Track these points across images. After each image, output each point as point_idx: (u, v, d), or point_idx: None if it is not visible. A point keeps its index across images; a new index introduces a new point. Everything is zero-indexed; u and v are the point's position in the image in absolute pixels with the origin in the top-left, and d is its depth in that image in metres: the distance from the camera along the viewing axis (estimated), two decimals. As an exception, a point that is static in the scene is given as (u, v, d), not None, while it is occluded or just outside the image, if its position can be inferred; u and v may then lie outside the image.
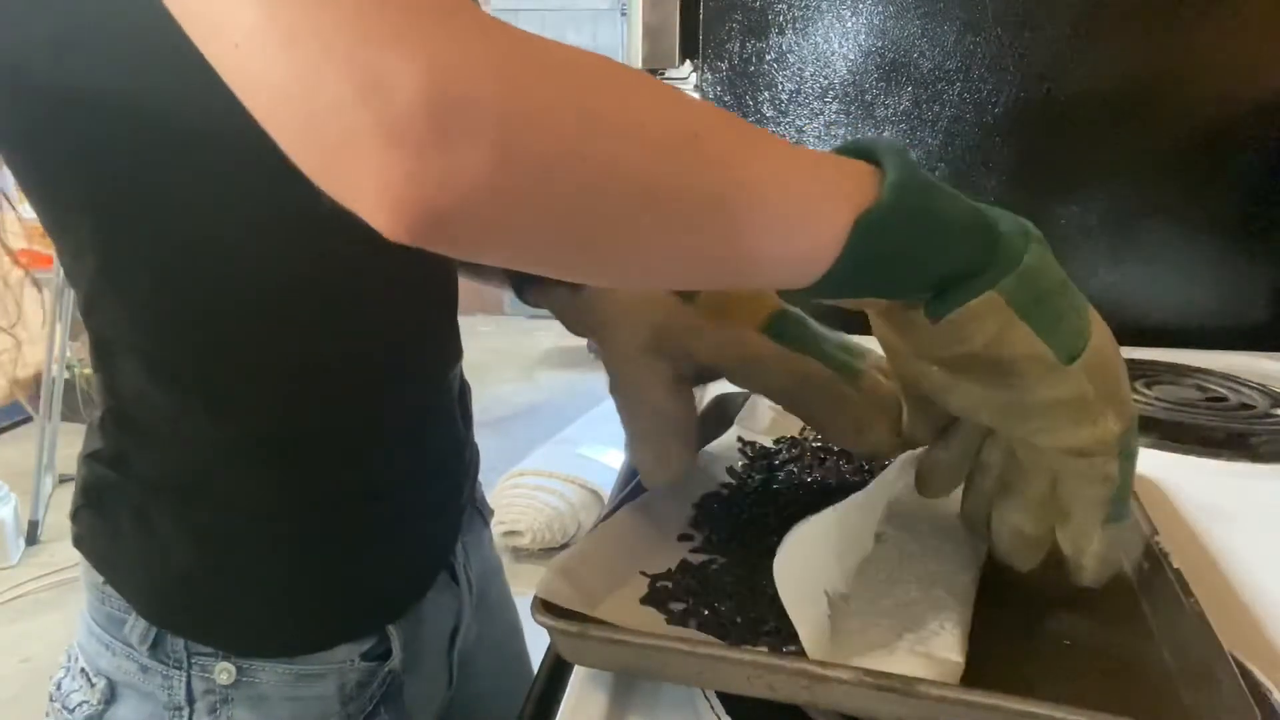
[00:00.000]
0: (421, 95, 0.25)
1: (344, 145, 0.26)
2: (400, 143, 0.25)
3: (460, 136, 0.26)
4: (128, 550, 0.49)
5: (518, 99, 0.27)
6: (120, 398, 0.48)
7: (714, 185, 0.31)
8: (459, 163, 0.26)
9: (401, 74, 0.25)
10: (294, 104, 0.26)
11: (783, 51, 1.05)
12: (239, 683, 0.50)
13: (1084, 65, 1.00)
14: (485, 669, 0.67)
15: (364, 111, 0.25)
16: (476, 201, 0.27)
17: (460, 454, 0.61)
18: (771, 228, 0.32)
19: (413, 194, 0.26)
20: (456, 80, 0.26)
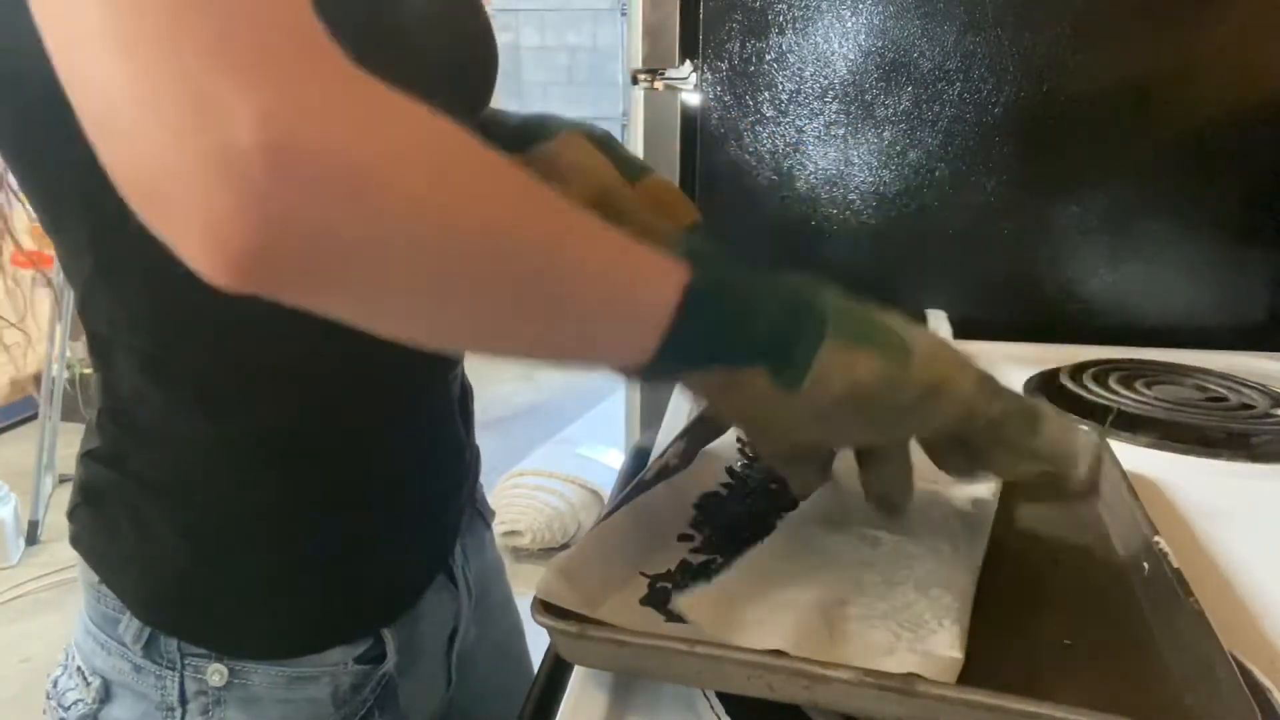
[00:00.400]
0: (262, 132, 0.24)
1: (172, 172, 0.25)
2: (233, 178, 0.24)
3: (296, 180, 0.25)
4: (123, 549, 0.49)
5: (363, 150, 0.26)
6: (117, 396, 0.48)
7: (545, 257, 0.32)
8: (290, 206, 0.25)
9: (246, 107, 0.24)
10: (127, 118, 0.25)
11: (783, 51, 1.05)
12: (231, 684, 0.49)
13: (1084, 65, 1.00)
14: (485, 670, 0.67)
15: (200, 140, 0.24)
16: (304, 248, 0.26)
17: (459, 456, 0.60)
18: (602, 299, 0.34)
19: (238, 234, 0.25)
20: (301, 122, 0.25)
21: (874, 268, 1.11)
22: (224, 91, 0.24)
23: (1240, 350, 1.01)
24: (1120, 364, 0.92)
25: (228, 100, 0.24)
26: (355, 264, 0.28)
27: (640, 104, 1.07)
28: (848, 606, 0.43)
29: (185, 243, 0.26)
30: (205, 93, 0.24)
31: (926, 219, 1.08)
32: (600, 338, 0.36)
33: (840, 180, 1.08)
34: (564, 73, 4.67)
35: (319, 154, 0.25)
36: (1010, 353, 1.02)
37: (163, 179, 0.25)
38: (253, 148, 0.24)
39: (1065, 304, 1.08)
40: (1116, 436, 0.73)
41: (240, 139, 0.24)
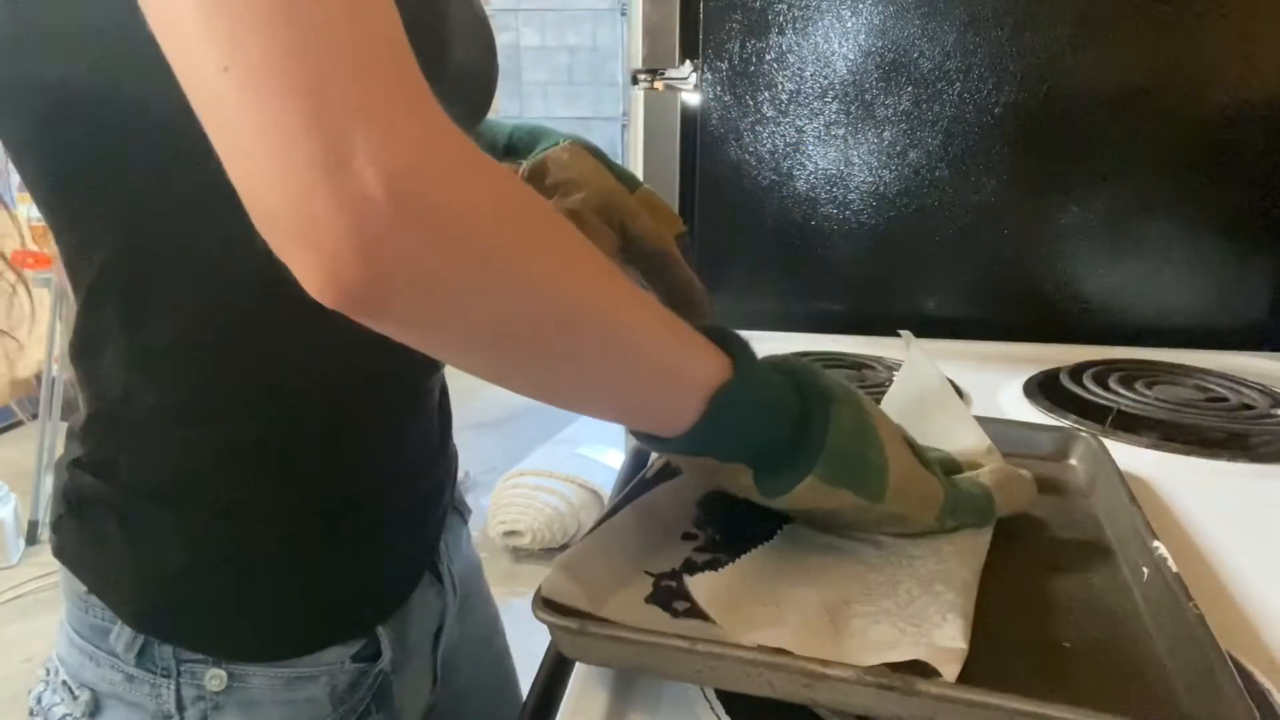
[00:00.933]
0: (388, 177, 0.27)
1: (303, 205, 0.27)
2: (359, 216, 0.27)
3: (413, 225, 0.28)
4: (112, 557, 0.49)
5: (468, 206, 0.29)
6: (106, 402, 0.48)
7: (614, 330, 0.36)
8: (406, 249, 0.28)
9: (375, 151, 0.27)
10: (264, 150, 0.27)
11: (783, 51, 1.05)
12: (230, 688, 0.49)
13: (1084, 65, 1.00)
14: (468, 667, 0.67)
15: (332, 178, 0.27)
16: (412, 287, 0.29)
17: (440, 457, 0.61)
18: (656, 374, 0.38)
19: (356, 267, 0.28)
20: (422, 171, 0.28)
21: (874, 268, 1.11)
22: (353, 133, 0.27)
23: (1240, 350, 1.01)
24: (1120, 364, 0.92)
25: (357, 143, 0.27)
26: (450, 308, 0.31)
27: (640, 104, 1.07)
28: (852, 604, 0.43)
29: (306, 272, 0.29)
30: (335, 133, 0.27)
31: (926, 219, 1.08)
32: (637, 408, 0.40)
33: (840, 180, 1.08)
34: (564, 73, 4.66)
35: (436, 207, 0.28)
36: (1010, 353, 1.02)
37: (295, 212, 0.28)
38: (382, 198, 0.27)
39: (1065, 304, 1.08)
40: (1116, 437, 0.73)
41: (371, 189, 0.27)
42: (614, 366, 0.37)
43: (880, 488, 0.44)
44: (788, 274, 1.14)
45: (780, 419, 0.42)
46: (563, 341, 0.34)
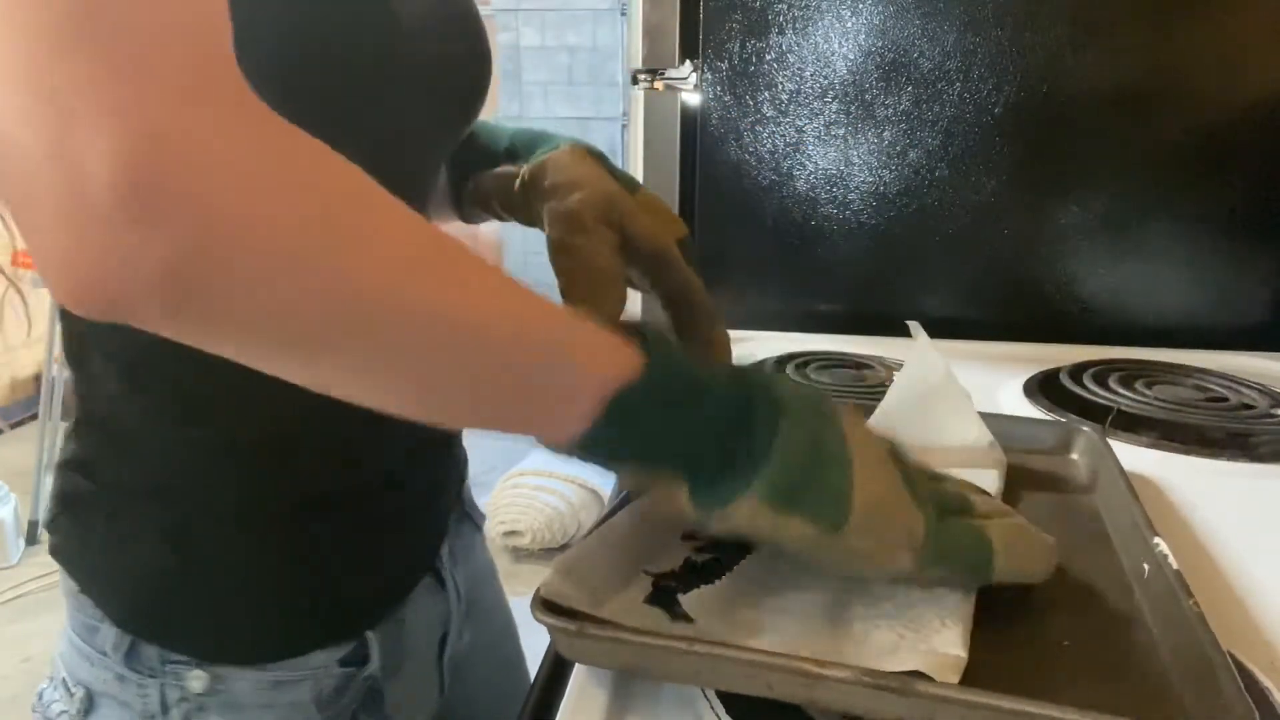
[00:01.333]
0: (120, 171, 0.24)
1: (31, 201, 0.25)
2: (82, 211, 0.24)
3: (147, 222, 0.24)
4: (99, 557, 0.49)
5: (221, 197, 0.25)
6: (95, 402, 0.47)
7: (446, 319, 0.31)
8: (137, 248, 0.25)
9: (109, 142, 0.24)
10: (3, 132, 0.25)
11: (783, 51, 1.05)
12: (213, 690, 0.49)
13: (1084, 65, 1.00)
14: (479, 674, 0.67)
15: (51, 175, 0.24)
16: (157, 290, 0.26)
17: (441, 458, 0.60)
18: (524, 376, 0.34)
19: (88, 272, 0.25)
20: (166, 165, 0.24)
21: (874, 268, 1.11)
22: (85, 127, 0.24)
23: (1240, 350, 1.01)
24: (1120, 364, 0.92)
25: (87, 136, 0.24)
26: (211, 308, 0.27)
27: (640, 104, 1.07)
28: (851, 608, 0.43)
29: (40, 265, 0.26)
30: (67, 125, 0.24)
31: (926, 219, 1.08)
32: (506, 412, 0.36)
33: (840, 180, 1.08)
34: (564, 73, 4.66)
35: (170, 199, 0.25)
36: (1010, 353, 1.02)
37: (25, 204, 0.25)
38: (103, 185, 0.24)
39: (1065, 304, 1.08)
40: (1116, 436, 0.73)
41: (92, 175, 0.24)
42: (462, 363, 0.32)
43: (838, 515, 0.37)
44: (788, 274, 1.14)
45: (708, 426, 0.37)
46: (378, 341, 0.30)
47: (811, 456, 0.38)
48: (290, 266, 0.27)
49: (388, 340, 0.30)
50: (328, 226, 0.28)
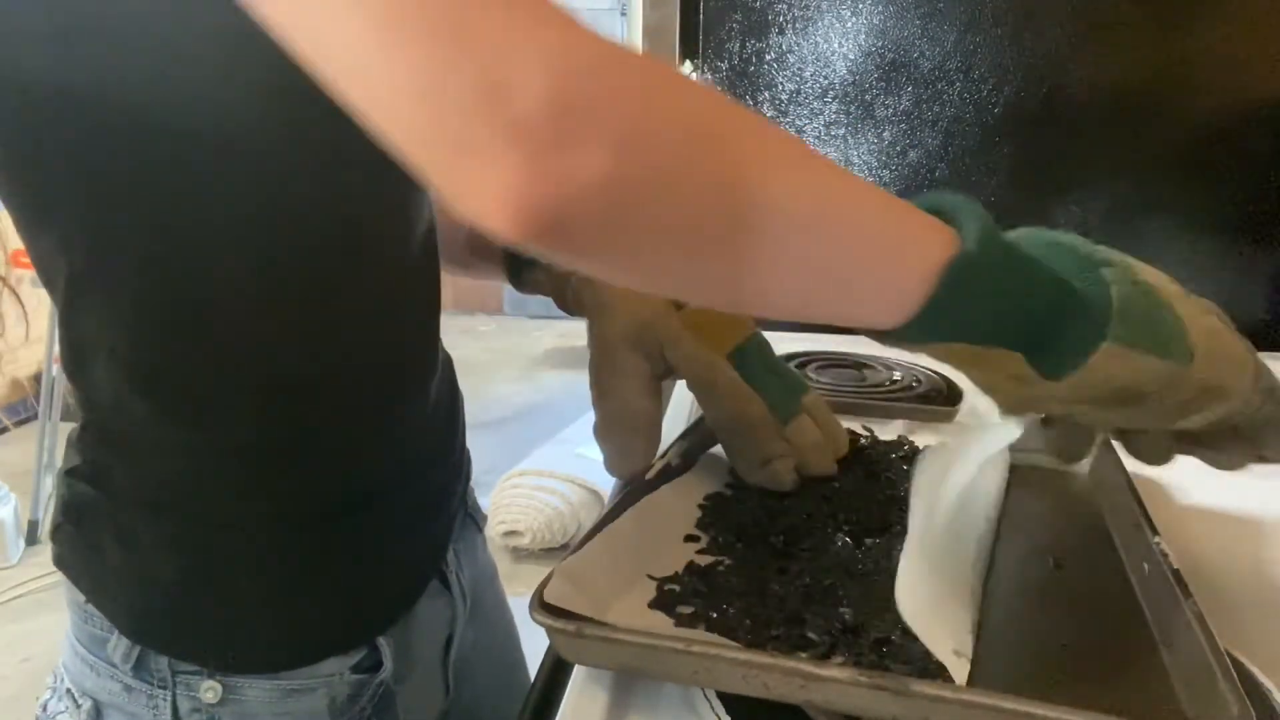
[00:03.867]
0: (544, 98, 0.26)
1: (465, 145, 0.27)
2: (522, 144, 0.26)
3: (579, 141, 0.27)
4: (108, 567, 0.48)
5: (634, 108, 0.28)
6: (98, 410, 0.47)
7: (816, 208, 0.32)
8: (576, 165, 0.27)
9: (524, 76, 0.26)
10: (416, 104, 0.27)
11: (783, 51, 1.05)
12: (225, 700, 0.49)
13: (1084, 65, 1.00)
14: (482, 675, 0.66)
15: (486, 112, 0.26)
16: (592, 204, 0.28)
17: (446, 460, 0.60)
18: (867, 257, 0.34)
19: (532, 195, 0.27)
20: (576, 86, 0.27)
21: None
22: (500, 64, 0.26)
23: (1240, 350, 1.01)
24: (1120, 364, 0.92)
25: (505, 71, 0.26)
26: (639, 218, 0.29)
27: (640, 104, 1.07)
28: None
29: (487, 212, 0.28)
30: (482, 67, 0.26)
31: (926, 219, 1.07)
32: (859, 295, 0.35)
33: (840, 180, 1.08)
34: (564, 73, 4.67)
35: (596, 119, 0.27)
36: (1010, 353, 1.02)
37: (458, 156, 0.27)
38: (542, 118, 0.26)
39: (1065, 304, 1.08)
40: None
41: (524, 107, 0.26)
42: (815, 253, 0.33)
43: (1184, 349, 0.37)
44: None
45: (1040, 287, 0.37)
46: (756, 236, 0.31)
47: (1146, 300, 0.38)
48: (690, 170, 0.29)
49: (770, 231, 0.31)
50: (711, 134, 0.30)
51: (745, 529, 0.51)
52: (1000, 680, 0.35)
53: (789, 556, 0.48)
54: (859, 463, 0.60)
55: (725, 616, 0.43)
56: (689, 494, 0.55)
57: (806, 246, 0.33)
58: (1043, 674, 0.40)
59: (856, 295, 0.35)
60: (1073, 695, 0.34)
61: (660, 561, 0.47)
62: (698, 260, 0.32)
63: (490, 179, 0.27)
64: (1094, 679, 0.40)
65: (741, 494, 0.56)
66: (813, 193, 0.33)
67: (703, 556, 0.49)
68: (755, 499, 0.55)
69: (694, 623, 0.42)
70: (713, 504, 0.55)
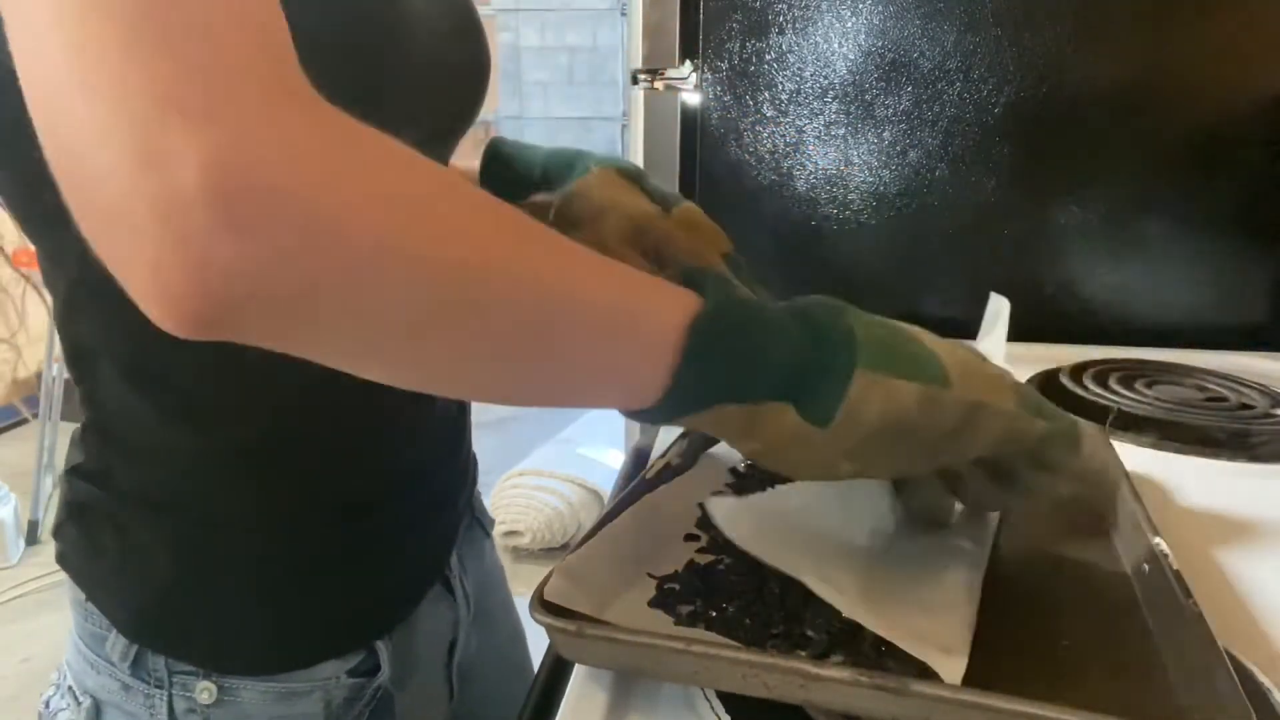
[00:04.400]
0: (207, 178, 0.23)
1: (119, 215, 0.24)
2: (175, 224, 0.23)
3: (242, 228, 0.24)
4: (108, 566, 0.49)
5: (322, 197, 0.25)
6: (100, 409, 0.47)
7: (535, 293, 0.30)
8: (237, 255, 0.24)
9: (192, 152, 0.23)
10: (77, 160, 0.24)
11: (783, 51, 1.05)
12: (220, 701, 0.49)
13: (1084, 65, 1.00)
14: (487, 679, 0.66)
15: (145, 184, 0.23)
16: (255, 296, 0.25)
17: (450, 465, 0.60)
18: (600, 331, 0.33)
19: (181, 282, 0.24)
20: (251, 168, 0.24)
21: (874, 268, 1.11)
22: (171, 135, 0.23)
23: (1240, 350, 1.01)
24: (1120, 364, 0.92)
25: (174, 144, 0.23)
26: (319, 310, 0.26)
27: (640, 104, 1.07)
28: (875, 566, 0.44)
29: (133, 287, 0.25)
30: (152, 135, 0.23)
31: (926, 219, 1.07)
32: (602, 376, 0.34)
33: (840, 180, 1.08)
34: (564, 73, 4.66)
35: (269, 201, 0.24)
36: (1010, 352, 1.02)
37: (111, 221, 0.24)
38: (196, 193, 0.23)
39: (1065, 304, 1.08)
40: (1117, 436, 0.73)
41: (184, 184, 0.23)
42: (534, 335, 0.31)
43: (938, 369, 0.37)
44: (788, 274, 1.14)
45: (788, 331, 0.37)
46: (477, 325, 0.29)
47: (888, 331, 0.38)
48: (389, 258, 0.26)
49: (487, 317, 0.29)
50: (416, 214, 0.28)
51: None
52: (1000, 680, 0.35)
53: (789, 556, 0.48)
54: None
55: (725, 615, 0.43)
56: (689, 493, 0.55)
57: (532, 326, 0.30)
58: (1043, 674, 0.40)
59: (595, 377, 0.34)
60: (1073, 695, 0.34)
61: (660, 560, 0.47)
62: (405, 352, 0.29)
63: (139, 260, 0.24)
64: (1094, 679, 0.40)
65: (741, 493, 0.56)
66: (535, 266, 0.30)
67: (703, 555, 0.49)
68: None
69: (694, 621, 0.42)
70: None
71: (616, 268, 0.34)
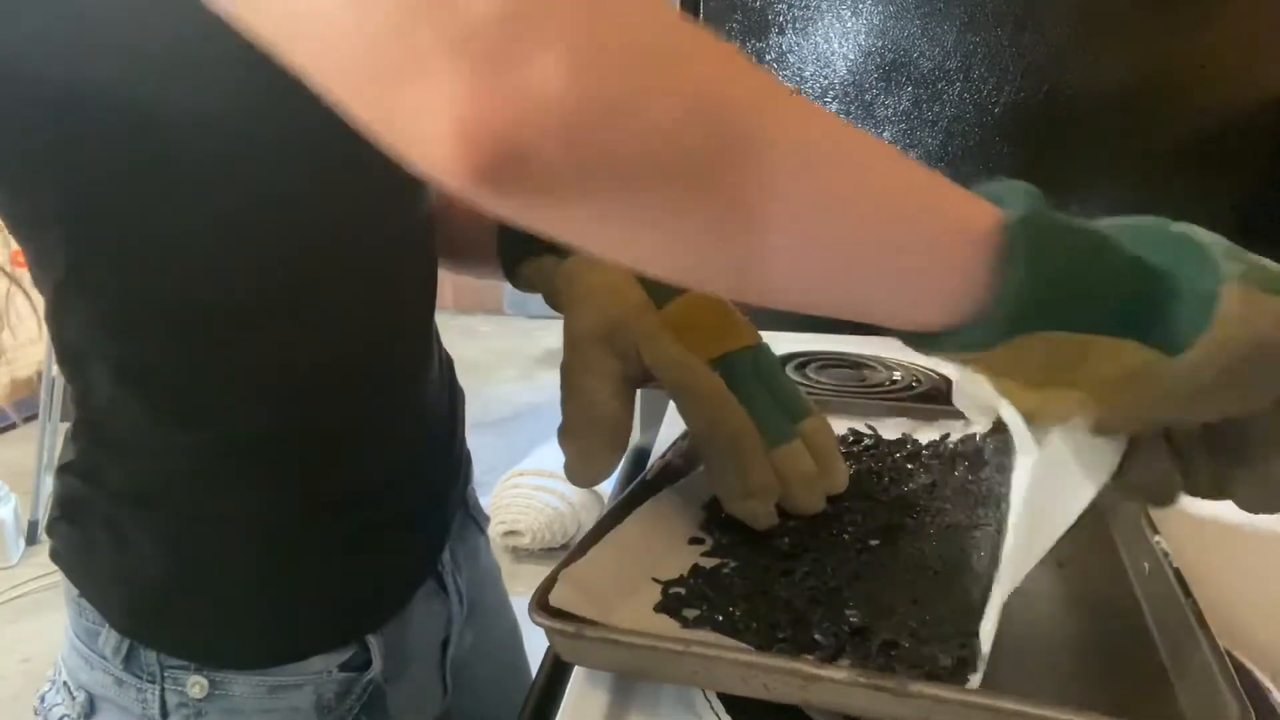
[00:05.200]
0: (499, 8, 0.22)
1: (405, 68, 0.23)
2: (468, 53, 0.22)
3: (533, 46, 0.22)
4: (100, 562, 0.49)
5: (593, 12, 0.23)
6: (91, 407, 0.47)
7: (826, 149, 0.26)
8: (532, 77, 0.22)
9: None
10: (350, 33, 0.23)
11: (783, 51, 1.05)
12: (212, 695, 0.49)
13: (1084, 65, 1.00)
14: (482, 676, 0.66)
15: (427, 24, 0.22)
16: (551, 123, 0.23)
17: (443, 461, 0.60)
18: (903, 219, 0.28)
19: (483, 114, 0.22)
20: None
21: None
22: None
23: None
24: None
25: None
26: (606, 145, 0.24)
27: (640, 104, 1.06)
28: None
29: (428, 142, 0.23)
30: None
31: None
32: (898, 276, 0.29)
33: (840, 180, 1.08)
34: (564, 73, 4.67)
35: (555, 21, 0.23)
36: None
37: (399, 83, 0.23)
38: (485, 18, 0.22)
39: (1065, 304, 1.08)
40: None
41: (471, 11, 0.22)
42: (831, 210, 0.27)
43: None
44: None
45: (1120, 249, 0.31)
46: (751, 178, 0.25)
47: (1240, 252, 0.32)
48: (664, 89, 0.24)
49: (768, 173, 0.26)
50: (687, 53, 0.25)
51: (749, 531, 0.51)
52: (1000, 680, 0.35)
53: (794, 559, 0.48)
54: (862, 463, 0.60)
55: (731, 619, 0.42)
56: (692, 496, 0.54)
57: (817, 197, 0.26)
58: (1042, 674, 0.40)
59: (893, 273, 0.28)
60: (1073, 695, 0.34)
61: (664, 564, 0.47)
62: (680, 209, 0.26)
63: (434, 99, 0.22)
64: (1094, 679, 0.40)
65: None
66: (820, 130, 0.27)
67: (707, 559, 0.48)
68: None
69: (700, 626, 0.42)
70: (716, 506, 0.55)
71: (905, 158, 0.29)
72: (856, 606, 0.43)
